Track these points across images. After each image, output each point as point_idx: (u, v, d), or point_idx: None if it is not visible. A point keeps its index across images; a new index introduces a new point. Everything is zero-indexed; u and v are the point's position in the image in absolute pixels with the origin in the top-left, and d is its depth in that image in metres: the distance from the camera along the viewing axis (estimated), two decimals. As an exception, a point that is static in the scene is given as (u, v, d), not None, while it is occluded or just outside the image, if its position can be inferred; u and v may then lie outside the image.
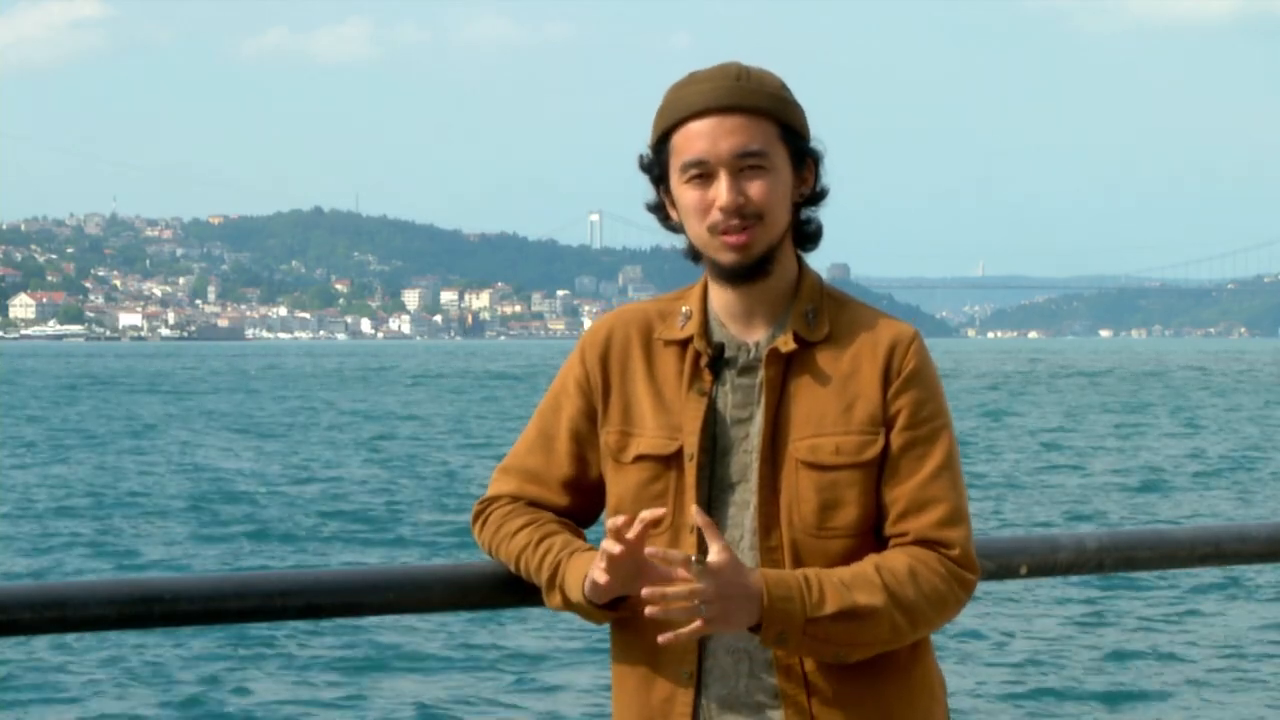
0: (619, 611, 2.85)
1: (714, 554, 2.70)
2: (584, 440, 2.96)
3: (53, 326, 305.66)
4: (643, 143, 2.95)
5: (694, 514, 2.73)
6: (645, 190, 2.96)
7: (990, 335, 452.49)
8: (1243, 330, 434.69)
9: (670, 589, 2.69)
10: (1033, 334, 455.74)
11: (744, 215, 2.83)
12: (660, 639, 2.74)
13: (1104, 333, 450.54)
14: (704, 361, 2.89)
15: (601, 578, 2.77)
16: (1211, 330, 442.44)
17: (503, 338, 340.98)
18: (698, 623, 2.70)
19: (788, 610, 2.72)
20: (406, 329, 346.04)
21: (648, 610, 2.70)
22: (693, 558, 2.70)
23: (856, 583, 2.77)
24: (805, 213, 2.92)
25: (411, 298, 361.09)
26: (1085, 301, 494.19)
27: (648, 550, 2.72)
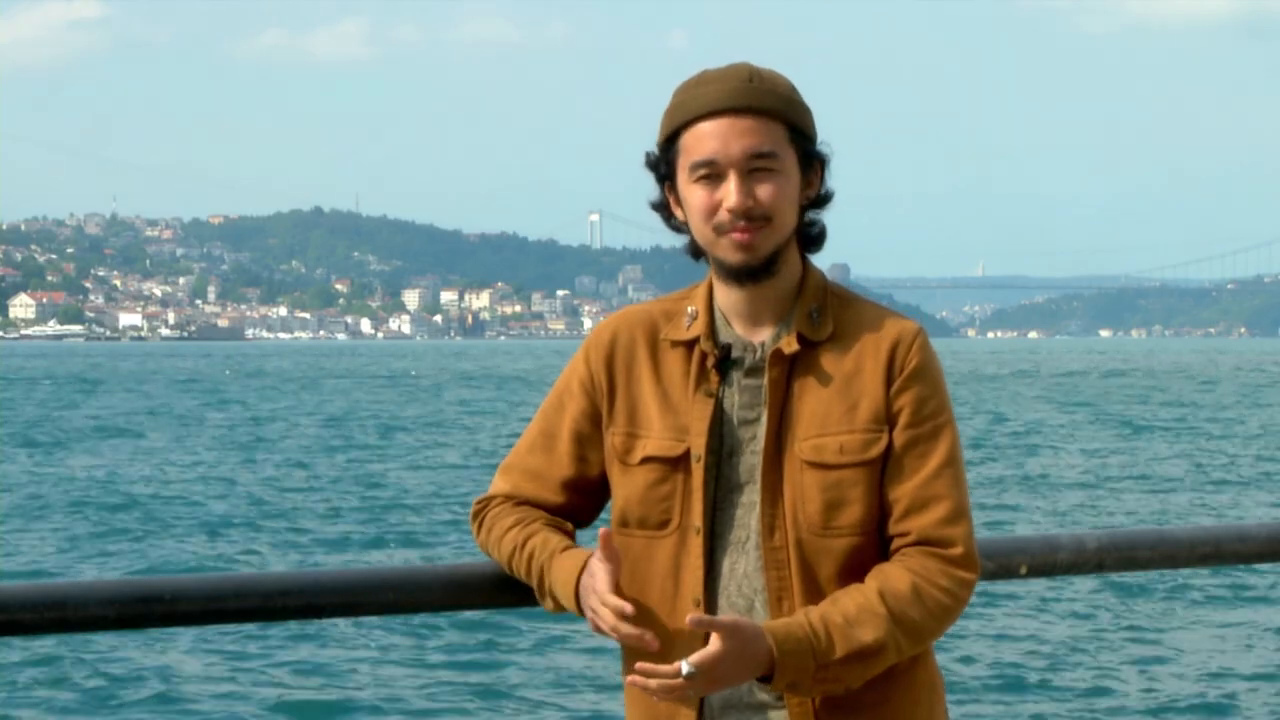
0: None
1: (712, 644, 2.72)
2: (586, 441, 2.96)
3: (53, 326, 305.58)
4: (643, 142, 2.95)
5: (689, 620, 2.72)
6: (645, 190, 2.95)
7: (990, 335, 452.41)
8: (1243, 330, 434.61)
9: (654, 683, 2.72)
10: (1033, 334, 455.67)
11: (752, 217, 2.84)
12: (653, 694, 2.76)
13: (1104, 332, 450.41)
14: (711, 362, 2.89)
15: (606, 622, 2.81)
16: (1211, 330, 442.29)
17: (503, 338, 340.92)
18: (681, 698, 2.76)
19: (799, 664, 2.73)
20: (406, 329, 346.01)
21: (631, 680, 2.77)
22: (683, 668, 2.70)
23: (861, 618, 2.77)
24: (810, 215, 2.93)
25: (411, 298, 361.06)
26: (1085, 301, 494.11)
27: (637, 681, 2.75)
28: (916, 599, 2.78)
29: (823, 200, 2.93)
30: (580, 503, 2.99)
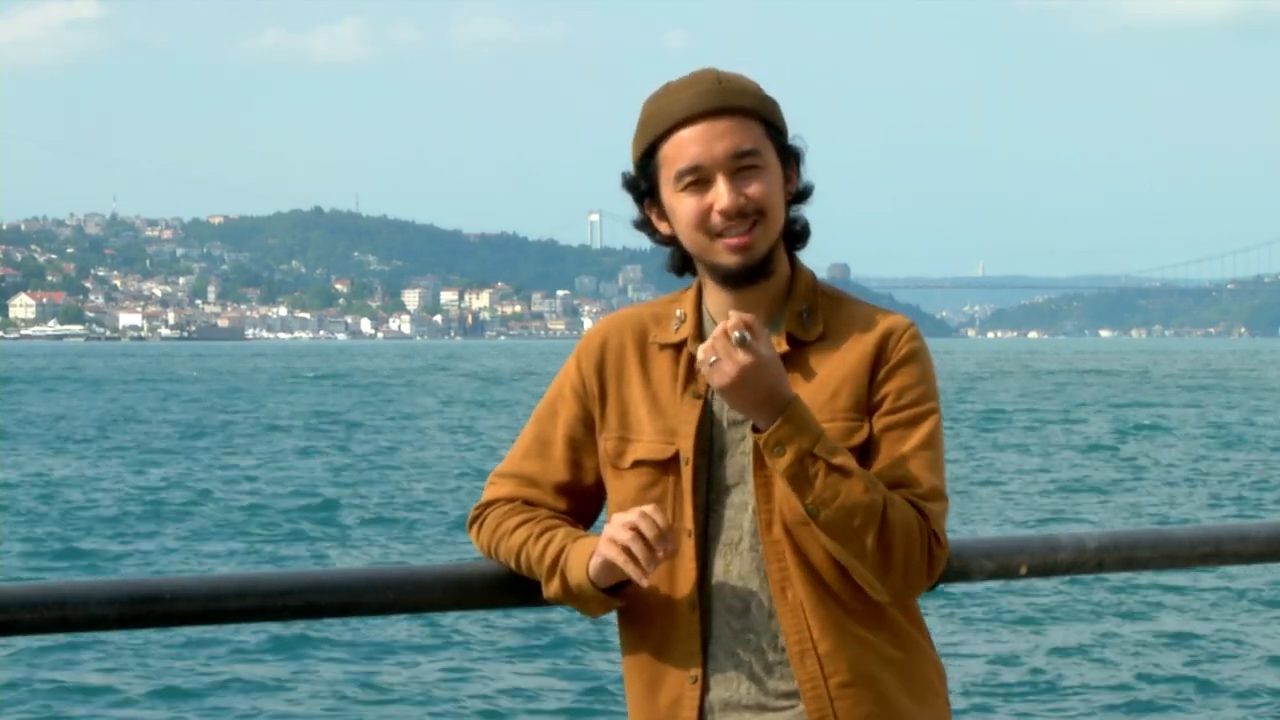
0: (618, 598, 2.87)
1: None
2: (580, 446, 2.97)
3: (53, 326, 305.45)
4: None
5: (732, 319, 2.74)
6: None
7: (990, 335, 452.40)
8: (1243, 330, 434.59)
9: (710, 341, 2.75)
10: (1033, 334, 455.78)
11: (745, 215, 2.83)
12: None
13: (1104, 332, 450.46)
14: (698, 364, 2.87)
15: (617, 554, 2.77)
16: (1211, 330, 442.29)
17: (503, 338, 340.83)
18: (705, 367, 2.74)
19: (802, 429, 2.74)
20: (406, 329, 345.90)
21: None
22: (737, 334, 2.71)
23: (863, 471, 2.79)
24: (793, 211, 2.92)
25: (411, 298, 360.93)
26: (1085, 301, 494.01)
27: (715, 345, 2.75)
28: (900, 505, 2.78)
29: (803, 194, 2.93)
30: (577, 507, 2.98)
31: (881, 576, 2.79)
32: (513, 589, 3.01)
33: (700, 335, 2.92)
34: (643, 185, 2.91)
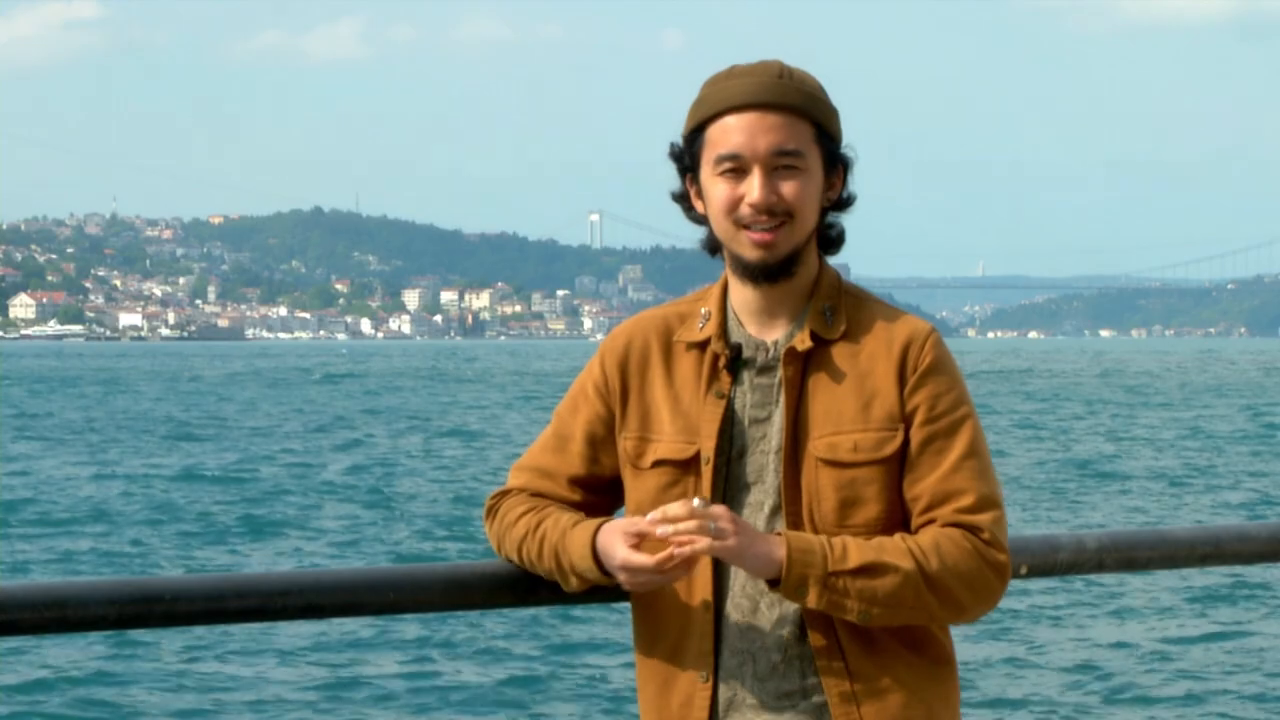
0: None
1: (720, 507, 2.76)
2: (598, 443, 2.98)
3: (53, 326, 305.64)
4: (643, 141, 3.91)
5: (692, 506, 2.74)
6: (645, 191, 3.88)
7: (990, 335, 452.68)
8: (1243, 330, 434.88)
9: (680, 522, 2.75)
10: (1033, 334, 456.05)
11: (774, 213, 2.84)
12: (675, 552, 2.76)
13: (1104, 332, 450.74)
14: (722, 363, 2.89)
15: (620, 566, 2.82)
16: (1211, 330, 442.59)
17: (503, 338, 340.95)
18: (706, 541, 2.73)
19: (809, 560, 2.74)
20: (406, 329, 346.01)
21: (658, 530, 2.76)
22: (696, 501, 2.74)
23: (882, 544, 2.78)
24: (830, 217, 2.93)
25: (411, 298, 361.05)
26: (1085, 301, 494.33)
27: (649, 517, 2.78)
28: (936, 550, 2.78)
29: (844, 203, 2.93)
30: (593, 500, 2.99)
31: (957, 617, 2.82)
32: (512, 589, 3.01)
33: (724, 333, 2.92)
34: (686, 160, 2.92)
